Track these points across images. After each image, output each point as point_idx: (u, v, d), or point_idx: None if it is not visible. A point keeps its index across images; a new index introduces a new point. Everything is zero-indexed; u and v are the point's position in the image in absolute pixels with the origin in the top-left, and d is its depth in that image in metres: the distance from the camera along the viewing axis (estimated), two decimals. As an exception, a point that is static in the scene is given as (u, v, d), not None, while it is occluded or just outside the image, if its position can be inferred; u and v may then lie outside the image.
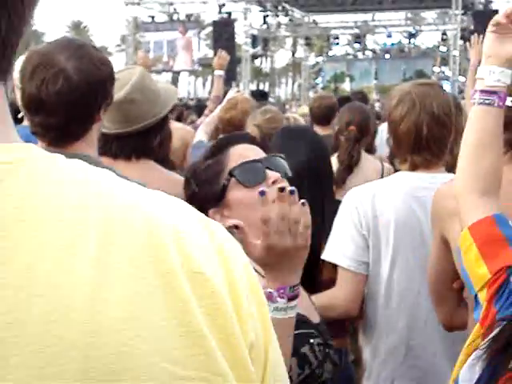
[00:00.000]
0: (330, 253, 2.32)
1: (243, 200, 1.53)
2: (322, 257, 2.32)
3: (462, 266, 1.48)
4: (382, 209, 2.29)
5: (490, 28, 1.59)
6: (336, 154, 3.90)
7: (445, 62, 25.27)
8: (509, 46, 1.56)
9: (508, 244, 1.42)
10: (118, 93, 2.38)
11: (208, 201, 1.56)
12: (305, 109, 9.62)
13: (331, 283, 2.35)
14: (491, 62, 1.58)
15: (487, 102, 1.57)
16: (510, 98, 1.62)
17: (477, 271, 1.42)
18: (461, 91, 21.71)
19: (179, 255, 0.59)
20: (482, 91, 1.59)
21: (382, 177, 3.84)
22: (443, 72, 25.10)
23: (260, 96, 8.39)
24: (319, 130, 5.07)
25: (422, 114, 2.29)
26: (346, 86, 28.45)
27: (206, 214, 1.33)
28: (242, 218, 1.42)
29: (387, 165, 3.90)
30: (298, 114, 8.58)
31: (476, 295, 1.43)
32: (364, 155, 3.94)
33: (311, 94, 30.26)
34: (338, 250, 2.31)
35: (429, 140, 2.28)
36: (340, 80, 28.73)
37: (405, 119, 2.32)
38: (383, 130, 6.13)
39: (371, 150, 4.48)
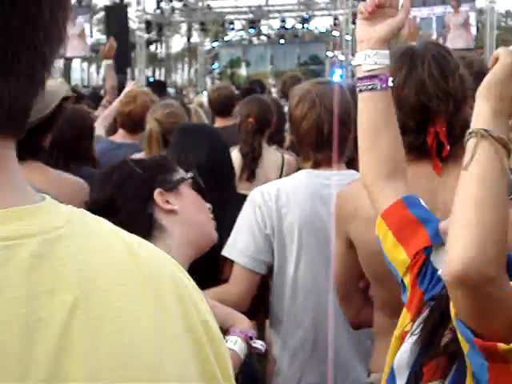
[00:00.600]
0: (229, 249, 2.35)
1: (194, 200, 1.75)
2: (222, 252, 2.34)
3: (383, 254, 1.49)
4: (286, 209, 2.31)
5: (358, 16, 1.60)
6: (238, 147, 3.91)
7: (337, 46, 25.77)
8: (378, 27, 1.56)
9: (421, 224, 1.43)
10: None
11: (157, 182, 1.70)
12: (202, 97, 9.58)
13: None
14: (365, 46, 1.58)
15: (370, 87, 1.56)
16: (391, 78, 1.60)
17: (397, 257, 1.44)
18: (353, 75, 22.30)
19: (193, 307, 0.66)
20: (362, 78, 1.58)
21: (281, 168, 3.89)
22: (336, 56, 25.59)
23: (158, 86, 8.28)
24: (220, 121, 5.08)
25: (322, 113, 2.31)
26: (243, 71, 28.52)
27: (149, 191, 1.65)
28: (184, 212, 1.68)
29: (287, 156, 3.95)
30: (196, 103, 8.55)
31: (402, 280, 1.45)
32: (265, 147, 3.97)
33: (208, 80, 30.20)
34: (238, 247, 2.33)
35: (330, 138, 2.29)
36: (236, 65, 28.76)
37: (306, 118, 2.34)
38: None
39: (276, 141, 4.48)
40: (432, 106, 1.71)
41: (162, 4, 24.76)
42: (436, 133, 1.72)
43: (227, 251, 2.34)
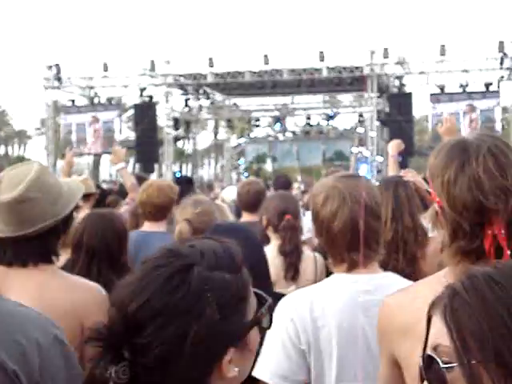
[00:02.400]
0: (260, 370, 2.06)
1: (255, 344, 1.27)
2: (253, 373, 2.10)
3: None
4: (322, 320, 2.10)
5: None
6: (275, 244, 3.78)
7: (362, 142, 25.95)
8: None
9: None
10: (12, 191, 2.18)
11: (228, 336, 1.19)
12: (229, 193, 9.52)
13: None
14: None
15: None
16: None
17: None
18: (379, 171, 22.28)
19: None
20: None
21: (315, 267, 3.72)
22: (361, 152, 25.72)
23: (186, 183, 8.30)
24: (247, 217, 4.94)
25: (354, 209, 2.13)
26: (269, 167, 28.75)
27: (220, 352, 1.16)
28: (242, 373, 1.24)
29: (317, 255, 3.78)
30: (223, 200, 8.48)
31: None
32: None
33: (234, 175, 30.45)
34: (270, 366, 2.08)
35: (367, 235, 2.09)
36: (262, 161, 29.05)
37: (337, 216, 2.15)
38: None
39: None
40: (488, 205, 1.48)
41: (190, 102, 25.29)
42: (494, 235, 1.50)
43: (257, 372, 2.05)
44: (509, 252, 1.48)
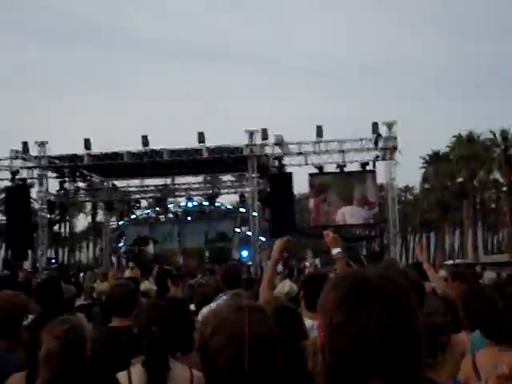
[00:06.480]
0: None
1: None
2: None
3: None
4: None
5: None
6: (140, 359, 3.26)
7: (245, 222, 25.91)
8: None
9: None
10: None
11: None
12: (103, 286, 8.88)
13: None
14: None
15: None
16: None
17: None
18: (262, 249, 22.17)
19: None
20: None
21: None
22: (245, 232, 25.63)
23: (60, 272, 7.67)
24: (118, 322, 4.39)
25: (241, 348, 1.81)
26: (150, 249, 28.03)
27: None
28: None
29: (197, 374, 3.22)
30: (96, 293, 7.84)
31: None
32: (172, 362, 3.32)
33: (113, 258, 29.43)
34: None
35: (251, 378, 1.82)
36: (143, 243, 28.29)
37: (222, 354, 1.81)
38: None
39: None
40: (372, 364, 1.30)
41: (66, 184, 24.38)
42: None
43: None
44: None
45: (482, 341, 3.56)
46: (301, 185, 25.70)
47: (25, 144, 21.79)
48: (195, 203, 27.92)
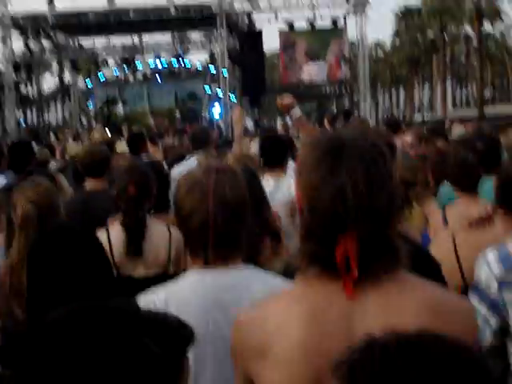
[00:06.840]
0: None
1: None
2: None
3: None
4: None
5: None
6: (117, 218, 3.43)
7: (215, 81, 25.67)
8: None
9: None
10: None
11: None
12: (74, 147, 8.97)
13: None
14: None
15: None
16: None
17: None
18: (231, 107, 22.13)
19: None
20: None
21: (169, 245, 3.41)
22: (215, 92, 25.46)
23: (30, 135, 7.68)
24: (92, 182, 4.53)
25: (214, 207, 1.95)
26: (120, 110, 27.77)
27: None
28: None
29: (175, 231, 3.38)
30: (69, 155, 7.94)
31: None
32: (149, 220, 3.50)
33: (83, 119, 29.24)
34: None
35: (225, 234, 1.99)
36: (112, 104, 27.97)
37: (195, 212, 1.96)
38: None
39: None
40: (348, 222, 1.38)
41: (31, 45, 23.69)
42: (346, 249, 1.38)
43: None
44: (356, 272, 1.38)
45: (450, 194, 3.65)
46: (271, 44, 25.36)
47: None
48: (164, 62, 27.38)
